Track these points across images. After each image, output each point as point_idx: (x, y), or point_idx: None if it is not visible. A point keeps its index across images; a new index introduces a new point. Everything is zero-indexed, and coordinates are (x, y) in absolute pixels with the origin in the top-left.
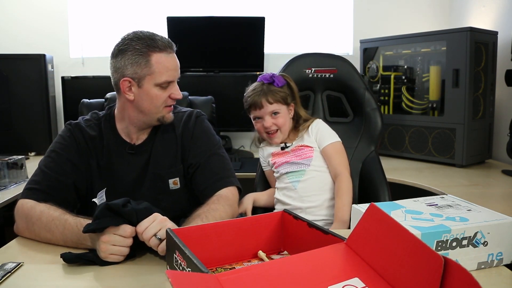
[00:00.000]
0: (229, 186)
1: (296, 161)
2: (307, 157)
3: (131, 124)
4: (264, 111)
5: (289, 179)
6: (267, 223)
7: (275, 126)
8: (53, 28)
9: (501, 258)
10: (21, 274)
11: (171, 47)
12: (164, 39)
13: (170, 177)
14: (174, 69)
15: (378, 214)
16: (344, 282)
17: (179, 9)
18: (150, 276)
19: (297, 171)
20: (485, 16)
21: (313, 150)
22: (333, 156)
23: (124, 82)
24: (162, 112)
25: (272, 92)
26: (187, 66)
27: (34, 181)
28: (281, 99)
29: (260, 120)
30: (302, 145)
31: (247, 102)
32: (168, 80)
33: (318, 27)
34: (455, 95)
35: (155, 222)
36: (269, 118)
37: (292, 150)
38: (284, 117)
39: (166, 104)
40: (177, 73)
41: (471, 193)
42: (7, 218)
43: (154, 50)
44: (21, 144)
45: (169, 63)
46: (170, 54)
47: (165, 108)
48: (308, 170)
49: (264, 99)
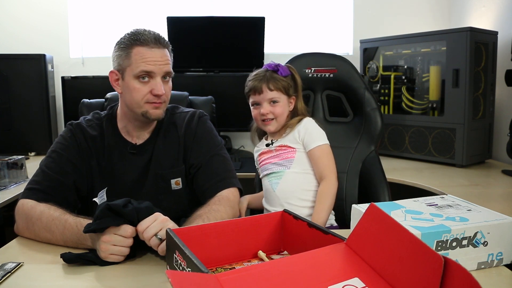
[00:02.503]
0: (230, 187)
1: (277, 161)
2: (288, 157)
3: (128, 122)
4: (263, 97)
5: (268, 181)
6: (267, 223)
7: (271, 114)
8: (53, 28)
9: (501, 258)
10: (21, 274)
11: (157, 43)
12: (150, 34)
13: (172, 177)
14: (153, 62)
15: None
16: (344, 282)
17: (179, 9)
18: (150, 276)
19: (276, 172)
20: (485, 16)
21: (295, 151)
22: (320, 159)
23: (112, 74)
24: (144, 107)
25: (274, 79)
26: (187, 66)
27: (35, 181)
28: (282, 88)
29: (258, 107)
30: (285, 145)
31: (247, 86)
32: (144, 70)
33: (318, 27)
34: (455, 95)
35: (156, 221)
36: (267, 105)
37: (275, 149)
38: (283, 107)
39: (147, 100)
40: (156, 67)
41: (471, 193)
42: (7, 218)
43: (135, 44)
44: (21, 144)
45: (148, 55)
46: (152, 49)
47: (147, 104)
48: (288, 171)
49: (264, 84)
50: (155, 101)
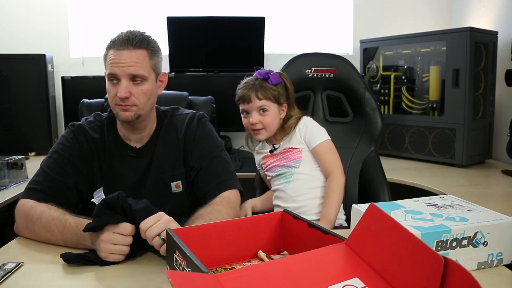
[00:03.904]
0: (232, 189)
1: (285, 163)
2: (296, 158)
3: (121, 124)
4: (251, 106)
5: (279, 181)
6: (267, 223)
7: (260, 124)
8: (53, 28)
9: (501, 258)
10: (21, 274)
11: (125, 44)
12: (123, 36)
13: (172, 180)
14: (116, 64)
15: (378, 214)
16: (344, 282)
17: (179, 9)
18: (150, 276)
19: (286, 172)
20: (485, 16)
21: (301, 151)
22: (324, 155)
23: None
24: (115, 109)
25: (264, 89)
26: (187, 66)
27: (36, 181)
28: (272, 97)
29: (247, 115)
30: (290, 148)
31: (237, 94)
32: (109, 72)
33: (318, 27)
34: (455, 95)
35: (160, 221)
36: (256, 114)
37: (281, 153)
38: (272, 116)
39: (116, 102)
40: (119, 69)
41: (471, 193)
42: (7, 218)
43: (110, 46)
44: (21, 144)
45: (114, 57)
46: (118, 50)
47: (116, 106)
48: (297, 171)
49: (253, 93)
50: (120, 104)
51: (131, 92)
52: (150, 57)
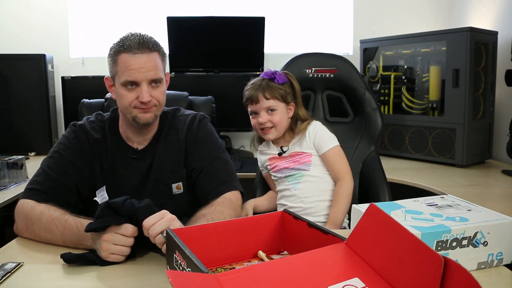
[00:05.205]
0: (233, 190)
1: (295, 166)
2: (306, 162)
3: (127, 127)
4: (260, 106)
5: (288, 182)
6: (267, 223)
7: (270, 123)
8: (53, 28)
9: (501, 258)
10: (21, 274)
11: (141, 47)
12: (135, 39)
13: (173, 182)
14: (137, 69)
15: (378, 214)
16: (344, 282)
17: (179, 9)
18: (150, 276)
19: (296, 174)
20: (485, 16)
21: (311, 155)
22: (333, 161)
23: (106, 80)
24: (133, 112)
25: (271, 88)
26: (187, 66)
27: (36, 182)
28: (279, 96)
29: (256, 116)
30: (300, 152)
31: (245, 95)
32: (128, 80)
33: (318, 27)
34: (455, 95)
35: (164, 219)
36: (264, 114)
37: (290, 156)
38: (281, 115)
39: (135, 105)
40: (140, 75)
41: (471, 193)
42: (7, 218)
43: (121, 50)
44: (21, 144)
45: (130, 63)
46: (135, 55)
47: (135, 109)
48: (308, 173)
49: (261, 94)
50: (142, 107)
51: (151, 94)
52: (162, 59)
